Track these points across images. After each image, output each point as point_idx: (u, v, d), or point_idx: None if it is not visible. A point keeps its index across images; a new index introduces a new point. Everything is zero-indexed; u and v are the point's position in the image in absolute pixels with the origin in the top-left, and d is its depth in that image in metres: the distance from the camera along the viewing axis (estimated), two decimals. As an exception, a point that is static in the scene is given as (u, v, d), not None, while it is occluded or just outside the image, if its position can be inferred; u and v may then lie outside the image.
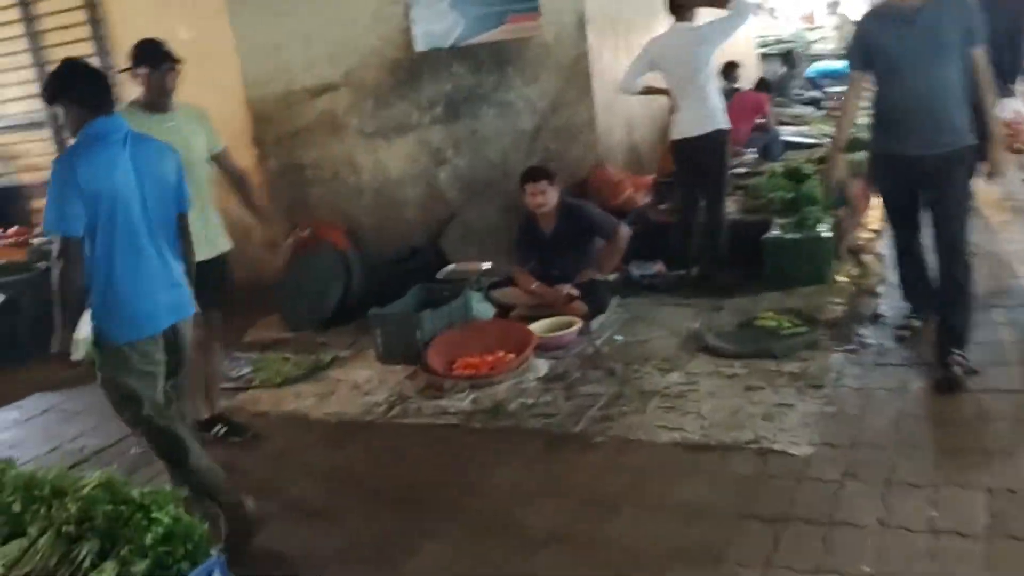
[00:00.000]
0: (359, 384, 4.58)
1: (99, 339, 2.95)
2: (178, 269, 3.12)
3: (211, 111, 4.01)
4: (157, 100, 3.71)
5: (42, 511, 2.47)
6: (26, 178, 7.11)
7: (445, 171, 6.24)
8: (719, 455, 3.29)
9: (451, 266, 5.51)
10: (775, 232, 5.30)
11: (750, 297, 4.97)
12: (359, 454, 3.77)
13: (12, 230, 6.56)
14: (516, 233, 5.20)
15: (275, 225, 4.76)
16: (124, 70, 3.77)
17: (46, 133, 6.66)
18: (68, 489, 2.52)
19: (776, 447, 3.27)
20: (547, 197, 4.96)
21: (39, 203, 7.01)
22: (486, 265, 5.42)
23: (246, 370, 5.00)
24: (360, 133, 6.28)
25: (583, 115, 6.21)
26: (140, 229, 2.95)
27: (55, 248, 2.88)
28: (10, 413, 4.83)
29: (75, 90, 2.94)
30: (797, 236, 5.20)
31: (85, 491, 2.47)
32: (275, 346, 5.41)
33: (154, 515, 2.39)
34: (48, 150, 6.72)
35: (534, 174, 5.01)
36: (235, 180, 4.06)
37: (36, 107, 6.63)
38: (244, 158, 5.55)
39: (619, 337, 4.70)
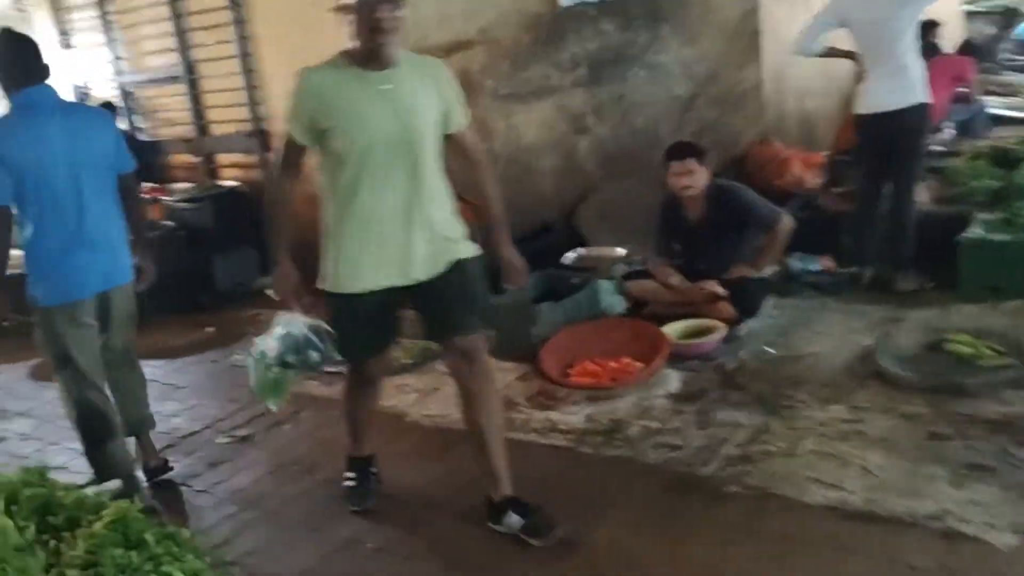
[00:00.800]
0: (466, 382, 4.08)
1: (31, 301, 3.08)
2: (116, 234, 3.17)
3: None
4: (372, 52, 2.52)
5: (51, 544, 2.13)
6: (164, 133, 7.03)
7: (585, 140, 5.60)
8: (888, 532, 2.55)
9: (580, 250, 4.90)
10: (976, 230, 4.34)
11: (939, 311, 4.07)
12: (447, 474, 3.26)
13: (147, 187, 6.47)
14: (656, 217, 4.51)
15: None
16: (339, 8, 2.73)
17: (182, 87, 6.52)
18: (83, 519, 2.17)
19: (967, 530, 2.50)
20: (695, 178, 4.24)
21: (177, 159, 6.94)
22: (621, 251, 4.77)
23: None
24: (494, 95, 5.71)
25: (748, 80, 5.42)
26: (68, 198, 3.01)
27: None
28: (115, 381, 4.65)
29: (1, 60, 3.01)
30: (1004, 237, 4.23)
31: (97, 527, 2.10)
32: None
33: (164, 568, 1.99)
34: (185, 105, 6.58)
35: (680, 150, 4.30)
36: (471, 169, 2.85)
37: (174, 60, 6.48)
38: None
39: (770, 350, 3.95)
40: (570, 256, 4.86)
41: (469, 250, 2.73)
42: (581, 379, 3.80)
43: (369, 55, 2.51)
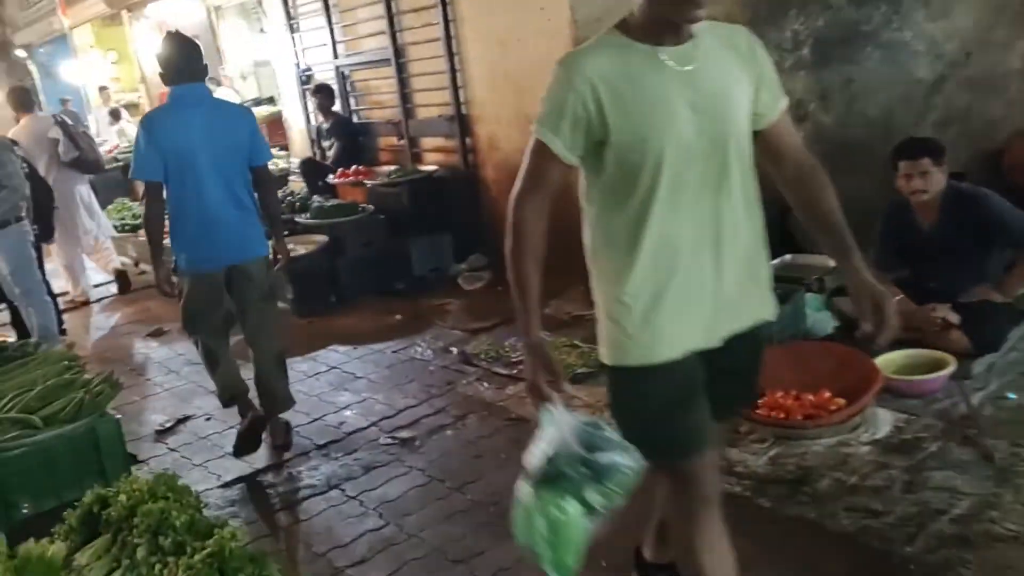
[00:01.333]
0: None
1: (175, 267, 3.57)
2: (246, 216, 3.56)
3: (538, 57, 3.07)
4: (669, 21, 1.73)
5: (156, 568, 2.05)
6: (375, 115, 7.13)
7: (806, 128, 4.95)
8: None
9: (787, 256, 4.33)
10: None
11: None
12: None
13: (353, 169, 6.59)
14: (881, 224, 3.86)
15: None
16: None
17: (391, 70, 6.54)
18: (189, 544, 2.07)
19: None
20: (929, 181, 3.56)
21: (385, 142, 7.01)
22: (834, 262, 4.15)
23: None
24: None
25: (1013, 60, 4.55)
26: (207, 180, 3.42)
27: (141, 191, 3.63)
28: (301, 365, 4.72)
29: (163, 60, 3.50)
30: None
31: (196, 558, 1.99)
32: (570, 326, 4.70)
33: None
34: (393, 88, 6.60)
35: (913, 148, 3.63)
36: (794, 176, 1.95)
37: (384, 44, 6.52)
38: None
39: (1011, 396, 3.25)
40: (774, 263, 4.29)
41: (772, 306, 1.96)
42: (769, 413, 3.30)
43: (662, 25, 1.72)
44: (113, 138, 12.22)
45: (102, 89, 13.10)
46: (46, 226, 5.70)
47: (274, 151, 6.36)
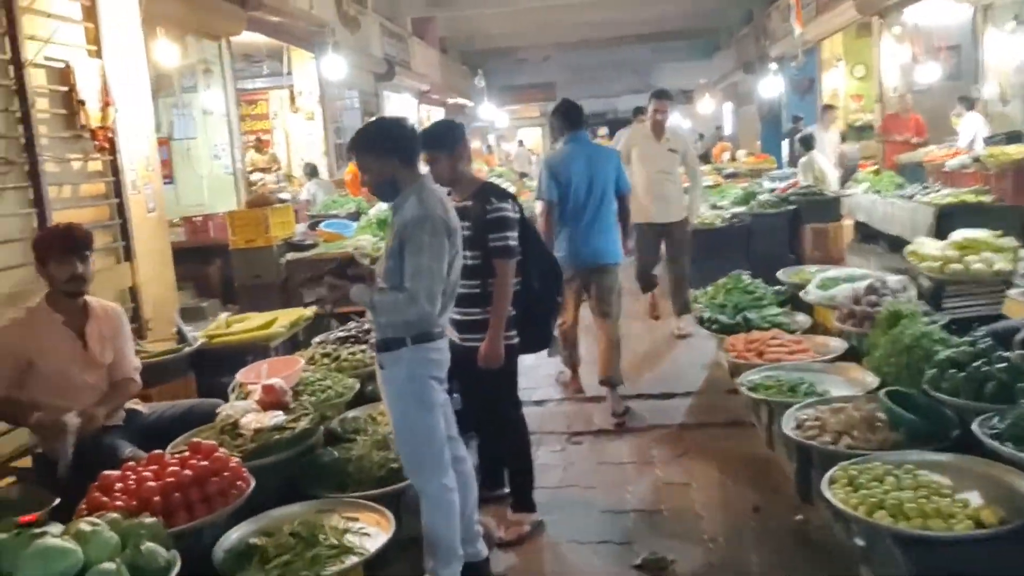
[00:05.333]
0: None
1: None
2: (608, 230, 4.86)
3: None
4: None
5: None
6: None
7: None
8: None
9: None
10: None
11: None
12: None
13: None
14: None
15: None
16: None
17: None
18: None
19: None
20: None
21: None
22: None
23: None
24: None
25: None
26: (585, 203, 4.81)
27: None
28: None
29: (560, 116, 5.00)
30: None
31: None
32: None
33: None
34: None
35: None
36: None
37: None
38: None
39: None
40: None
41: None
42: None
43: None
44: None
45: (827, 108, 11.38)
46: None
47: None
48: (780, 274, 5.44)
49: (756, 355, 4.03)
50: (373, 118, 2.94)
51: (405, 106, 16.73)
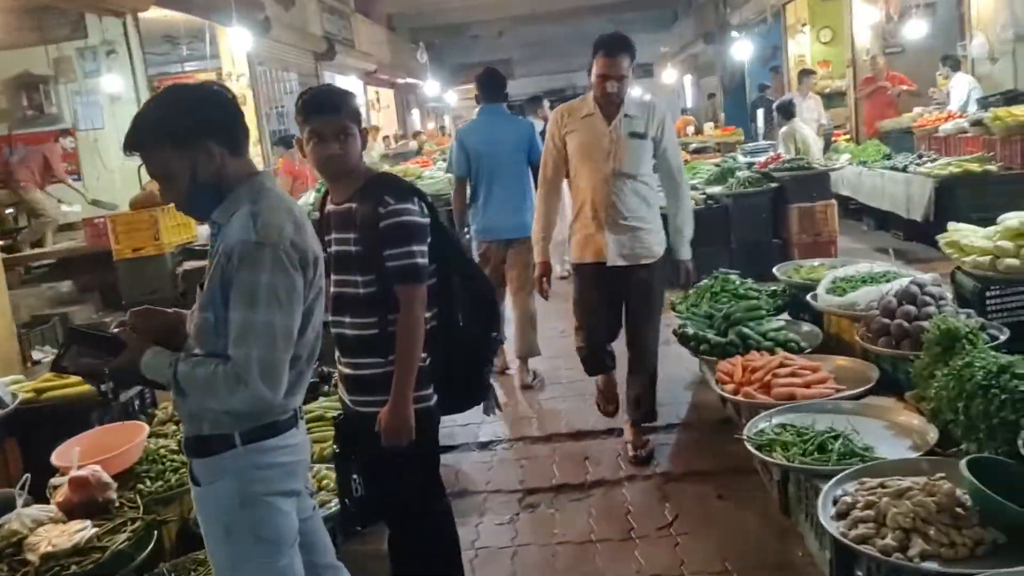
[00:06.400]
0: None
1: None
2: (525, 204, 4.71)
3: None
4: None
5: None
6: None
7: None
8: None
9: None
10: None
11: None
12: None
13: None
14: None
15: None
16: None
17: None
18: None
19: None
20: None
21: None
22: None
23: None
24: None
25: None
26: (494, 175, 4.81)
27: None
28: None
29: (478, 85, 5.01)
30: None
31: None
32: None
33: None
34: None
35: None
36: None
37: None
38: None
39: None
40: None
41: None
42: None
43: None
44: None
45: (805, 73, 10.62)
46: None
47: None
48: (776, 271, 4.43)
49: (761, 389, 3.06)
50: (162, 91, 1.82)
51: (351, 88, 15.56)
